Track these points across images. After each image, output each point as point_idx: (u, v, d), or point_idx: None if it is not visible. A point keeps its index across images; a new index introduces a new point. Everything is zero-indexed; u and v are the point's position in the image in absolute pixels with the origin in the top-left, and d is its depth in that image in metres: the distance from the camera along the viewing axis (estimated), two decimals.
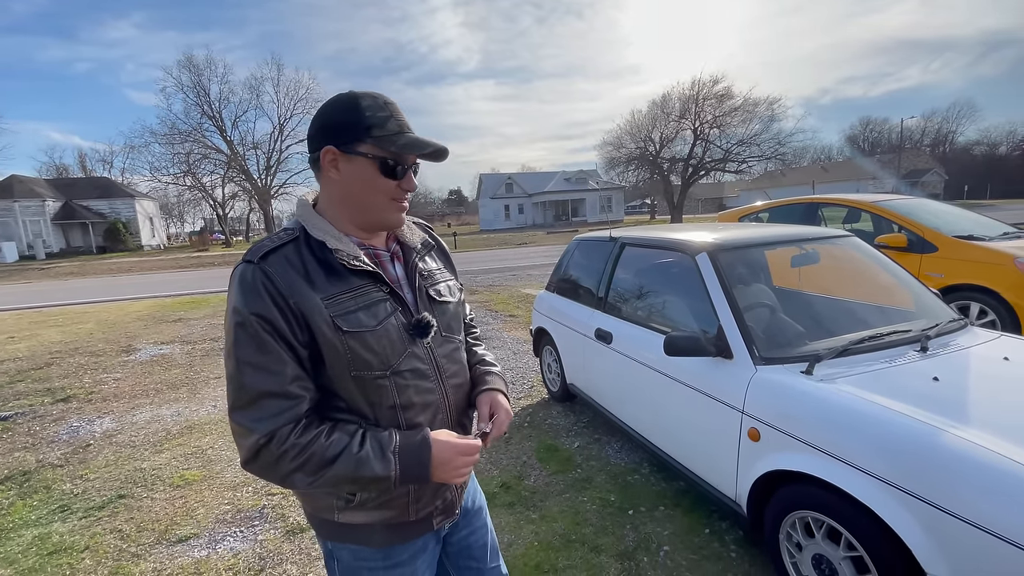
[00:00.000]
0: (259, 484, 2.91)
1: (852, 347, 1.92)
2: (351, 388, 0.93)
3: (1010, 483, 1.24)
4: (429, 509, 1.06)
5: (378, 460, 0.90)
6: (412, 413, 0.98)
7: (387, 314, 0.96)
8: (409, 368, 0.97)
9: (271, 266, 0.88)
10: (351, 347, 0.90)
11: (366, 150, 0.92)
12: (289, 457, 0.85)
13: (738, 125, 35.90)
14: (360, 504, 0.98)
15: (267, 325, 0.85)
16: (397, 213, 1.00)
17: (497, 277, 11.78)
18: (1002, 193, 51.21)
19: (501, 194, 48.29)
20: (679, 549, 2.17)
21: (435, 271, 1.13)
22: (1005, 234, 4.52)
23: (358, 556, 1.04)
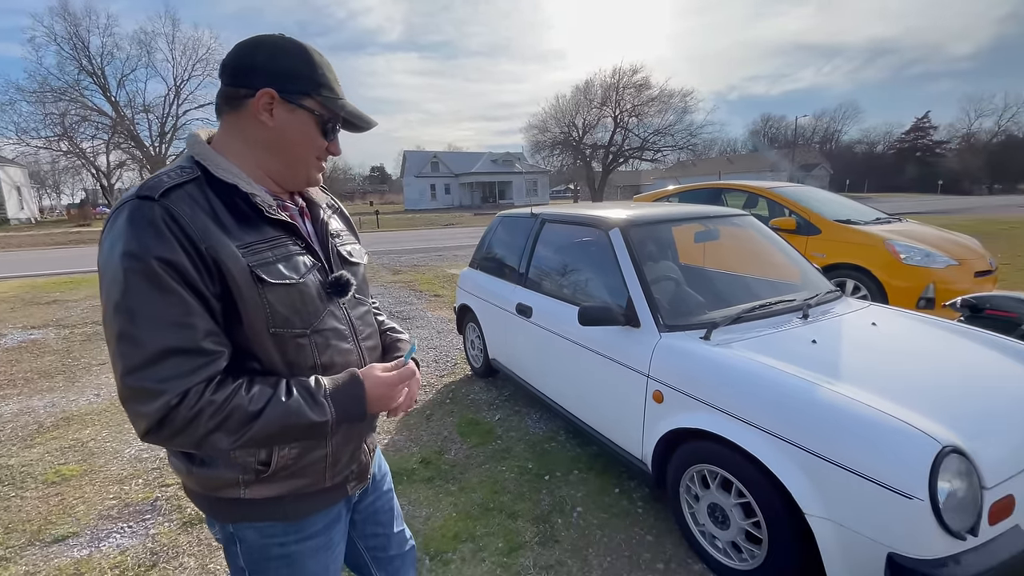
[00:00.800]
0: (151, 475, 2.66)
1: (744, 315, 2.10)
2: (268, 347, 0.86)
3: (872, 429, 1.42)
4: (345, 474, 1.02)
5: (311, 406, 0.85)
6: (332, 374, 0.93)
7: (307, 269, 0.91)
8: (329, 327, 0.94)
9: (175, 205, 0.77)
10: (270, 301, 0.84)
11: (312, 105, 0.89)
12: (206, 416, 0.76)
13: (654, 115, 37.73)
14: (272, 475, 0.90)
15: (173, 271, 0.74)
16: (318, 173, 0.98)
17: (422, 257, 11.56)
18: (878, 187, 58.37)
19: (427, 173, 47.09)
20: (591, 509, 2.28)
21: (342, 232, 1.09)
22: (877, 219, 5.15)
23: (266, 533, 0.96)
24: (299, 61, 0.88)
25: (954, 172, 59.97)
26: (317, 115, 0.90)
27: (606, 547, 2.04)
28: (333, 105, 0.91)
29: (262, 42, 0.88)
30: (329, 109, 0.91)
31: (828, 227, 4.80)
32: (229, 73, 0.87)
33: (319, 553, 1.02)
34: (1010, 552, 1.35)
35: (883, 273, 4.33)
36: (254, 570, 0.98)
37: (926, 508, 1.28)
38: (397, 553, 1.28)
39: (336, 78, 0.93)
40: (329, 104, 0.90)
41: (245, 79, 0.86)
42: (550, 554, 2.01)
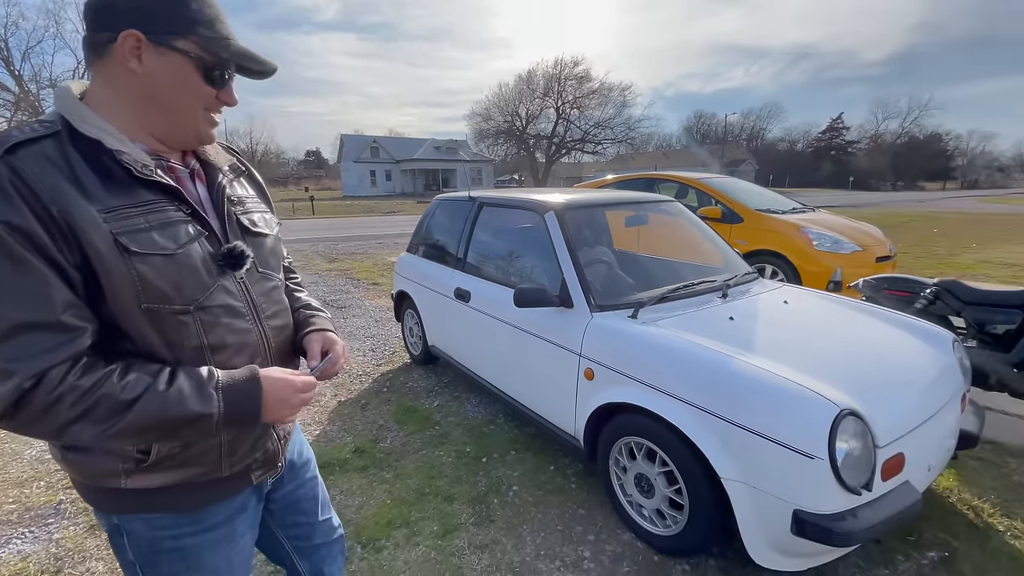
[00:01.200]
0: (54, 477, 2.42)
1: (669, 295, 2.19)
2: (141, 324, 0.77)
3: (778, 395, 1.53)
4: (247, 462, 0.94)
5: (195, 397, 0.75)
6: (224, 356, 0.85)
7: (189, 238, 0.81)
8: (219, 304, 0.84)
9: (23, 163, 0.68)
10: (141, 273, 0.74)
11: (187, 48, 0.78)
12: (67, 403, 0.67)
13: (595, 108, 38.69)
14: (155, 463, 0.82)
15: (22, 238, 0.65)
16: (209, 127, 0.87)
17: (360, 245, 11.20)
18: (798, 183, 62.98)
19: (366, 158, 45.44)
20: (527, 487, 2.32)
21: (247, 198, 0.99)
22: (793, 209, 5.54)
23: (156, 525, 0.88)
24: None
25: (863, 170, 66.00)
26: (195, 58, 0.79)
27: (540, 523, 2.09)
28: (213, 46, 0.80)
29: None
30: (209, 51, 0.79)
31: (750, 216, 5.12)
32: (91, 16, 0.76)
33: (219, 546, 0.94)
34: (900, 505, 1.50)
35: (797, 258, 4.68)
36: (145, 564, 0.90)
37: (826, 467, 1.40)
38: (323, 542, 1.23)
39: (219, 14, 0.82)
40: (209, 45, 0.79)
41: (107, 21, 0.75)
42: (485, 533, 2.02)
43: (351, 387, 3.50)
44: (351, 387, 3.50)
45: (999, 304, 2.79)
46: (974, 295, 2.88)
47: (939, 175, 71.12)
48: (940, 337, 2.10)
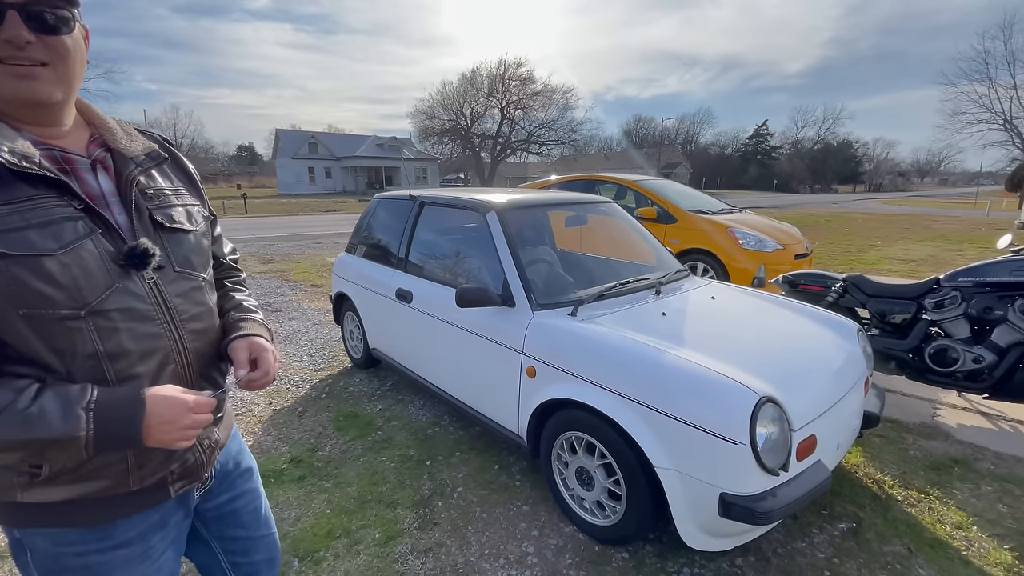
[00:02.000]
0: None
1: (607, 293, 2.26)
2: (22, 331, 0.71)
3: (703, 384, 1.61)
4: (161, 475, 0.88)
5: (59, 417, 0.69)
6: (126, 363, 0.79)
7: (77, 236, 0.74)
8: (118, 307, 0.78)
9: None
10: (16, 276, 0.68)
11: None
12: None
13: (539, 109, 39.25)
14: (52, 477, 0.76)
15: None
16: (14, 81, 0.71)
17: (298, 245, 10.73)
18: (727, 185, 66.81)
19: (304, 155, 43.49)
20: (471, 488, 2.31)
21: (167, 190, 0.91)
22: (723, 210, 5.87)
23: (59, 541, 0.82)
24: None
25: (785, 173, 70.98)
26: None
27: (484, 522, 2.09)
28: None
29: None
30: None
31: (683, 216, 5.38)
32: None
33: (132, 564, 0.88)
34: (814, 483, 1.63)
35: (725, 256, 4.98)
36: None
37: (747, 451, 1.50)
38: (263, 559, 1.17)
39: None
40: None
41: None
42: (429, 537, 2.00)
43: (287, 394, 3.35)
44: (287, 394, 3.35)
45: (897, 296, 3.09)
46: (876, 288, 3.18)
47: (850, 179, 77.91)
48: (846, 327, 2.30)
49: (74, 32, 0.77)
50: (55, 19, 0.73)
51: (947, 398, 3.18)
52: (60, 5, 0.73)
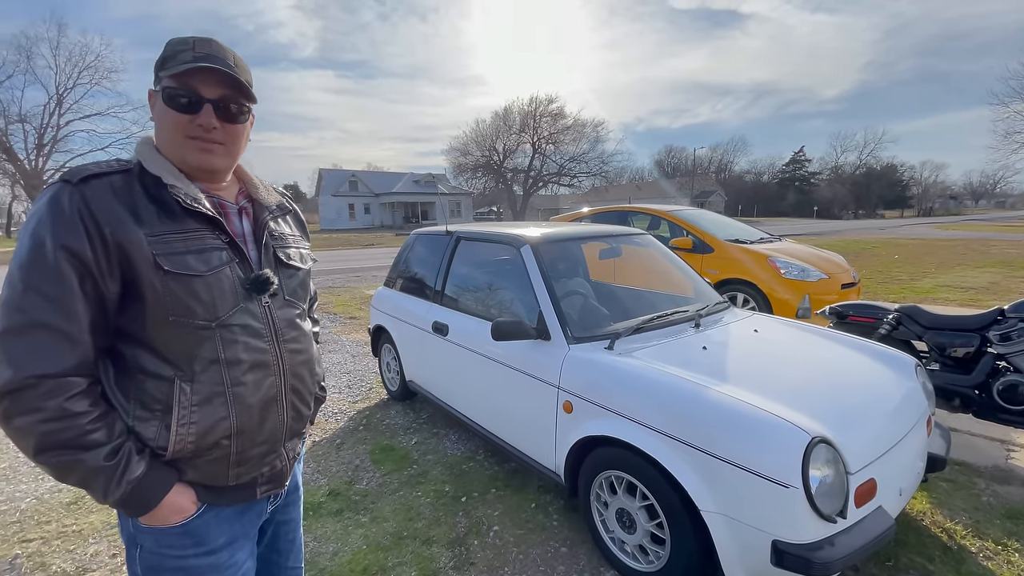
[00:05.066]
0: (9, 530, 2.26)
1: (644, 326, 2.23)
2: (168, 335, 0.87)
3: (751, 424, 1.55)
4: (253, 475, 0.99)
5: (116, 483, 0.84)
6: (238, 371, 0.93)
7: (220, 263, 0.92)
8: (240, 323, 0.93)
9: (92, 191, 0.82)
10: (172, 290, 0.86)
11: (160, 84, 0.89)
12: (39, 418, 0.78)
13: (570, 143, 39.84)
14: (169, 462, 0.90)
15: (74, 259, 0.79)
16: (197, 153, 0.92)
17: (339, 278, 11.08)
18: (764, 212, 65.32)
19: (344, 192, 45.48)
20: (508, 527, 2.26)
21: (288, 235, 1.10)
22: (761, 239, 5.73)
23: (162, 543, 0.93)
24: (161, 53, 0.90)
25: (826, 199, 68.89)
26: (161, 91, 0.88)
27: (521, 564, 2.03)
28: (167, 73, 0.87)
29: None
30: (171, 78, 0.87)
31: (720, 246, 5.28)
32: None
33: (221, 570, 0.97)
34: (875, 531, 1.52)
35: (767, 287, 4.83)
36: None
37: (800, 495, 1.42)
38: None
39: (195, 47, 0.89)
40: (168, 73, 0.87)
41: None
42: None
43: (325, 426, 3.40)
44: (325, 426, 3.40)
45: (958, 328, 2.91)
46: (934, 320, 3.01)
47: (897, 203, 74.85)
48: (903, 362, 2.17)
49: (247, 121, 0.98)
50: (237, 111, 0.94)
51: (1022, 439, 2.92)
52: (243, 102, 0.94)
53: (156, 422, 0.88)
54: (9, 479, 2.74)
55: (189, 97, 0.88)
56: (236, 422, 0.93)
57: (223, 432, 0.92)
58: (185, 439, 0.89)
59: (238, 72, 0.91)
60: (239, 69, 0.92)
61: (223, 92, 0.90)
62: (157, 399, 0.88)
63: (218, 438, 0.92)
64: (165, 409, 0.88)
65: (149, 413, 0.88)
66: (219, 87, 0.90)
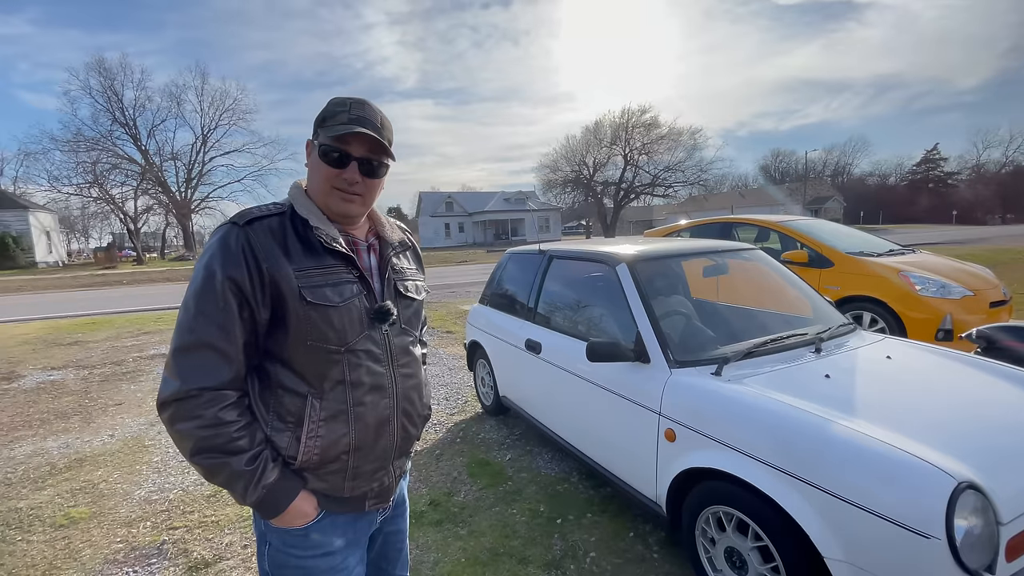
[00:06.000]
0: (159, 518, 2.64)
1: (756, 350, 2.06)
2: (305, 357, 0.98)
3: (887, 465, 1.36)
4: (364, 489, 1.08)
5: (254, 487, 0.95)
6: (360, 392, 1.03)
7: (352, 295, 1.02)
8: (364, 349, 1.03)
9: (254, 232, 0.95)
10: (311, 318, 0.96)
11: (317, 140, 1.02)
12: (197, 424, 0.90)
13: (664, 152, 38.39)
14: (298, 471, 1.01)
15: (235, 287, 0.92)
16: (341, 203, 1.04)
17: (436, 294, 11.64)
18: (892, 219, 57.89)
19: (441, 212, 48.12)
20: (604, 554, 2.19)
21: (406, 269, 1.19)
22: (891, 251, 5.09)
23: (287, 543, 1.04)
24: (324, 109, 1.03)
25: (967, 202, 59.35)
26: (319, 146, 1.01)
27: None
28: (324, 134, 1.00)
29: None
30: (326, 137, 1.00)
31: (841, 260, 4.75)
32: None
33: (335, 573, 1.06)
34: None
35: (899, 305, 4.25)
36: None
37: (943, 547, 1.22)
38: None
39: (350, 109, 1.01)
40: (327, 133, 0.99)
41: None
42: None
43: (426, 436, 3.56)
44: (426, 436, 3.56)
45: None
46: None
47: None
48: None
49: (384, 175, 1.09)
50: (377, 166, 1.05)
51: None
52: (384, 160, 1.06)
53: (288, 433, 0.99)
54: (160, 472, 3.19)
55: (339, 154, 1.00)
56: (355, 439, 1.02)
57: (344, 447, 1.02)
58: (312, 450, 0.99)
59: (383, 133, 1.03)
60: (384, 129, 1.04)
61: (367, 151, 1.02)
62: (291, 412, 0.99)
63: (339, 452, 1.01)
64: (297, 422, 0.99)
65: (283, 424, 0.99)
66: (365, 147, 1.01)
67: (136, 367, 5.86)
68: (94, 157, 34.09)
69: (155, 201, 39.35)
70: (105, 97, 35.21)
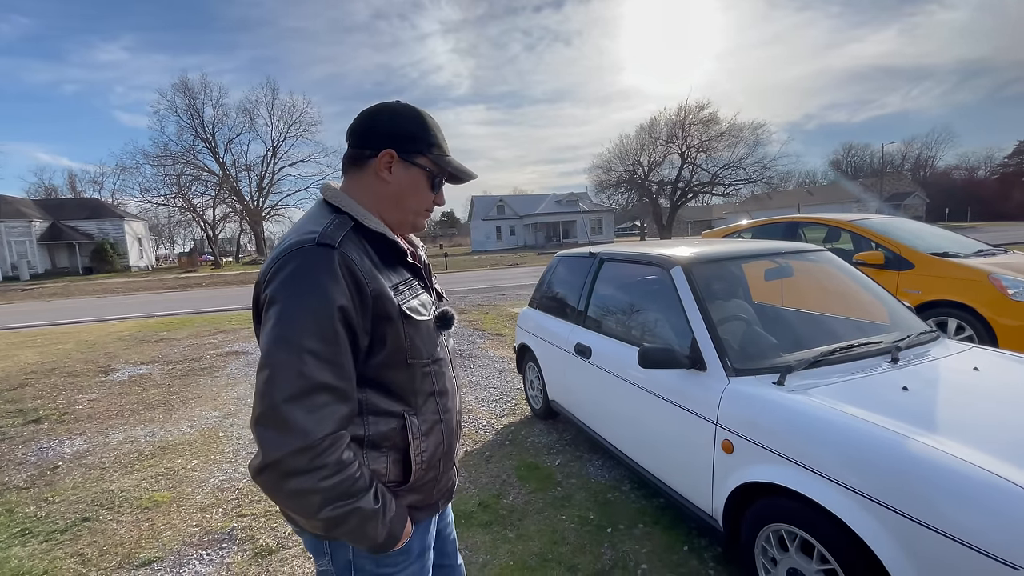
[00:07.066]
0: (230, 505, 2.83)
1: (823, 358, 1.92)
2: (403, 376, 0.96)
3: (973, 488, 1.23)
4: (443, 490, 1.10)
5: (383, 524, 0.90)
6: (445, 400, 1.04)
7: (432, 306, 1.04)
8: (441, 357, 1.05)
9: (350, 252, 0.88)
10: (410, 335, 0.95)
11: (424, 163, 1.01)
12: (321, 475, 0.80)
13: (724, 149, 36.76)
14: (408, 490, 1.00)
15: (343, 316, 0.84)
16: (423, 220, 1.08)
17: (487, 297, 11.76)
18: (981, 215, 52.47)
19: (493, 216, 48.62)
20: (656, 567, 2.12)
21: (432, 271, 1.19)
22: (980, 252, 4.61)
23: (381, 563, 0.99)
24: (414, 124, 1.00)
25: None
26: (428, 171, 1.01)
27: None
28: (442, 162, 1.02)
29: (383, 109, 1.00)
30: (438, 165, 1.02)
31: (922, 261, 4.35)
32: (355, 136, 1.00)
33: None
34: None
35: (989, 311, 3.83)
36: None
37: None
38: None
39: (444, 137, 1.04)
40: (438, 161, 1.02)
41: (369, 141, 0.99)
42: None
43: (476, 437, 3.60)
44: (476, 437, 3.60)
45: None
46: None
47: None
48: None
49: None
50: None
51: None
52: None
53: (384, 458, 0.95)
54: (232, 461, 3.42)
55: (443, 181, 1.05)
56: (446, 444, 1.05)
57: (440, 455, 1.03)
58: (420, 466, 0.98)
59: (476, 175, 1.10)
60: None
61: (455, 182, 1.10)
62: (387, 436, 0.94)
63: (436, 461, 1.03)
64: (392, 445, 0.95)
65: (379, 451, 0.94)
66: None
67: (212, 363, 6.33)
68: (179, 170, 37.44)
69: (231, 209, 42.53)
70: (188, 114, 38.57)
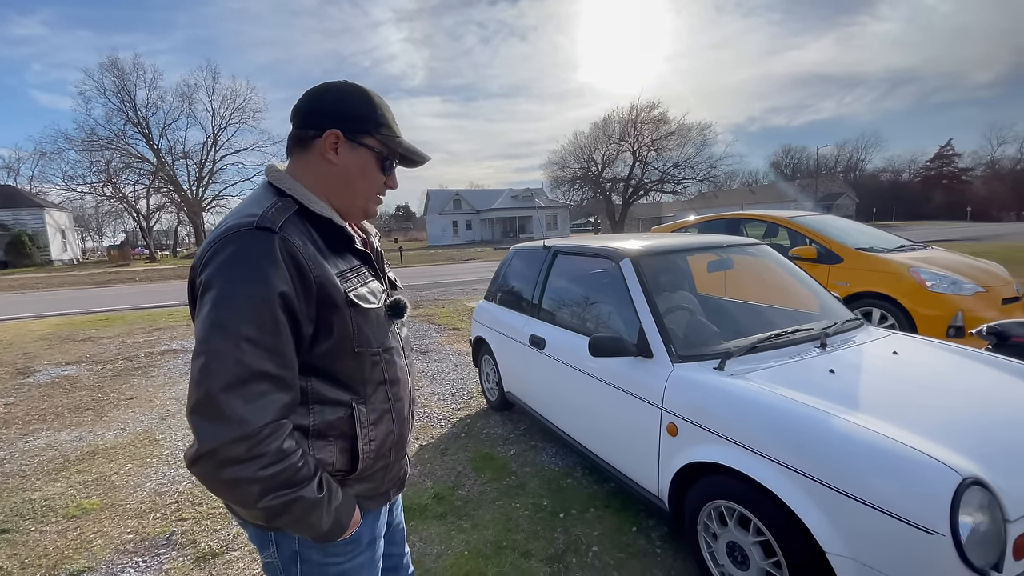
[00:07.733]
0: (168, 509, 2.68)
1: (760, 345, 2.05)
2: (351, 364, 0.94)
3: (891, 460, 1.35)
4: (394, 479, 1.08)
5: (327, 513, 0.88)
6: (396, 389, 1.02)
7: (382, 293, 1.01)
8: (392, 346, 1.02)
9: (292, 236, 0.84)
10: (358, 324, 0.92)
11: (372, 144, 0.97)
12: (259, 465, 0.77)
13: (673, 148, 38.05)
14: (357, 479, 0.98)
15: (284, 303, 0.81)
16: (375, 205, 1.04)
17: (443, 292, 11.67)
18: (905, 215, 57.06)
19: (449, 210, 48.17)
20: (607, 549, 2.19)
21: (385, 259, 1.16)
22: (902, 247, 5.02)
23: (328, 552, 0.98)
24: (362, 104, 0.96)
25: (981, 199, 58.31)
26: (377, 152, 0.97)
27: None
28: (391, 143, 0.98)
29: (329, 88, 0.96)
30: (387, 146, 0.98)
31: (850, 255, 4.70)
32: (300, 116, 0.96)
33: (373, 566, 1.07)
34: None
35: (909, 301, 4.20)
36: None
37: (948, 544, 1.20)
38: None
39: (393, 118, 1.01)
40: (387, 142, 0.98)
41: (313, 121, 0.94)
42: None
43: (431, 431, 3.58)
44: (431, 431, 3.58)
45: None
46: None
47: None
48: None
49: None
50: None
51: None
52: None
53: (330, 447, 0.92)
54: (170, 464, 3.24)
55: (394, 163, 1.02)
56: (396, 434, 1.03)
57: (390, 445, 1.01)
58: (368, 456, 0.96)
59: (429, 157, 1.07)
60: None
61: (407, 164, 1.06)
62: (333, 425, 0.92)
63: (386, 451, 1.01)
64: (340, 434, 0.93)
65: (325, 440, 0.92)
66: None
67: (148, 362, 5.95)
68: (107, 156, 34.62)
69: (167, 200, 39.87)
70: (119, 97, 35.71)
